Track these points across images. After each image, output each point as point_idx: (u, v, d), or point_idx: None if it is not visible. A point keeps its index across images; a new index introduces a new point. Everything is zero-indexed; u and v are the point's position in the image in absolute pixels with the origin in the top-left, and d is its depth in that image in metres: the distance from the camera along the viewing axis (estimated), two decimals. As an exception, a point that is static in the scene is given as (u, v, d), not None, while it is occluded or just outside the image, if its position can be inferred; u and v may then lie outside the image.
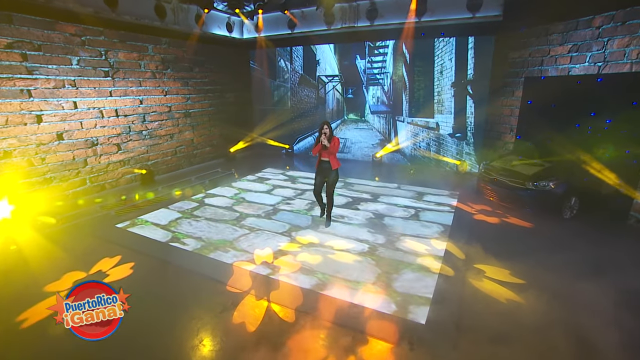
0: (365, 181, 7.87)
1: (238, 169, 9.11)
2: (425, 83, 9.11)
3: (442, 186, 7.54)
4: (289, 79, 10.78)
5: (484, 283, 4.14)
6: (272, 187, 7.35)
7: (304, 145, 11.14)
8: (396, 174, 8.57)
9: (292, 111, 10.95)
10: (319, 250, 4.73)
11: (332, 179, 5.14)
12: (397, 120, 9.80)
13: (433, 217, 5.76)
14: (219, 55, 9.93)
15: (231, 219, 5.67)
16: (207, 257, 4.53)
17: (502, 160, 6.71)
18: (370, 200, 6.46)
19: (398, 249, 4.67)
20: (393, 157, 9.95)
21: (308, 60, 10.40)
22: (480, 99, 8.35)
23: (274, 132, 11.16)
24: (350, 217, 5.70)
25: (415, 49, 8.96)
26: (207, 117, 9.68)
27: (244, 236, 5.05)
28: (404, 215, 5.78)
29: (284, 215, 5.80)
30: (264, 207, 6.13)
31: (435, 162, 9.34)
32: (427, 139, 9.38)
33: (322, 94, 10.50)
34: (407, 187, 7.42)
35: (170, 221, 5.57)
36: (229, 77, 10.40)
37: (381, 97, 9.86)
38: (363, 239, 4.95)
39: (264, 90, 11.22)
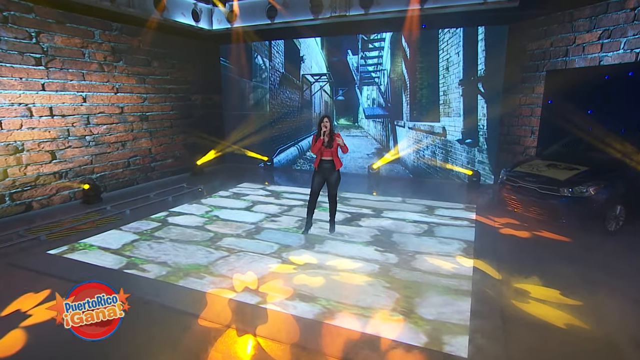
0: (362, 195, 8.08)
1: (208, 184, 8.99)
2: (428, 81, 9.20)
3: (454, 198, 7.75)
4: (267, 79, 10.76)
5: (531, 305, 3.97)
6: (252, 204, 7.42)
7: (285, 157, 11.04)
8: (398, 187, 8.75)
9: (271, 117, 10.97)
10: (319, 271, 4.64)
11: (335, 179, 5.41)
12: (396, 125, 9.83)
13: (451, 233, 5.87)
14: (183, 49, 9.85)
15: (204, 239, 5.63)
16: (176, 285, 4.31)
17: (527, 165, 6.68)
18: (372, 216, 6.63)
19: (415, 268, 4.67)
20: (392, 169, 10.00)
21: (290, 57, 10.43)
22: (493, 98, 8.44)
23: (249, 141, 11.07)
24: (352, 234, 5.79)
25: (416, 41, 9.07)
26: (168, 122, 9.57)
27: (223, 259, 4.96)
28: (415, 232, 5.90)
29: (269, 234, 5.81)
30: (244, 226, 6.16)
31: (443, 173, 9.37)
32: (433, 147, 9.42)
33: (307, 95, 10.51)
34: (413, 201, 7.65)
35: (125, 244, 5.41)
36: (195, 76, 10.33)
37: (377, 98, 9.90)
38: (371, 258, 4.96)
39: (237, 92, 11.16)
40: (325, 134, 5.21)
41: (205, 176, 10.00)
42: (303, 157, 10.88)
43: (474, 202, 7.54)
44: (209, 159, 10.60)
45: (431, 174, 9.55)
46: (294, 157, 10.94)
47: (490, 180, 8.83)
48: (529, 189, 6.16)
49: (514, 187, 6.42)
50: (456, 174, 9.21)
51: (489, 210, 6.97)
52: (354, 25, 8.86)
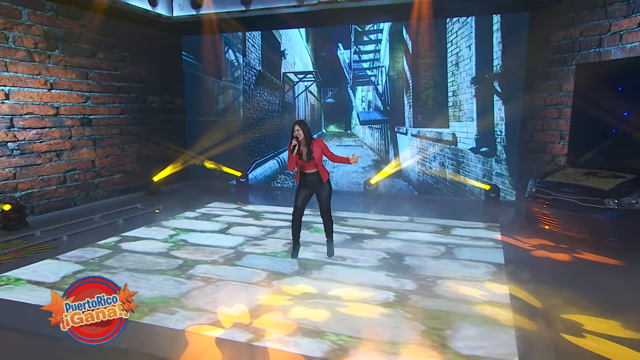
0: (361, 214, 8.36)
1: (168, 204, 9.02)
2: (435, 80, 9.36)
3: (471, 217, 7.99)
4: (241, 78, 10.78)
5: (589, 340, 3.90)
6: (227, 226, 7.60)
7: (263, 172, 11.02)
8: (402, 205, 8.99)
9: (245, 123, 11.02)
10: (322, 302, 4.60)
11: (326, 193, 5.57)
12: (397, 132, 9.93)
13: (475, 255, 6.05)
14: (137, 39, 9.83)
15: (171, 267, 5.63)
16: (140, 323, 4.18)
17: (560, 174, 6.75)
18: (376, 237, 6.86)
19: (439, 295, 4.76)
20: (393, 184, 10.10)
21: (269, 52, 10.50)
22: (512, 99, 8.63)
23: (219, 153, 11.03)
24: (355, 258, 5.94)
25: (420, 33, 9.22)
26: (117, 128, 9.55)
27: (198, 290, 4.93)
28: (432, 254, 6.08)
29: (253, 259, 5.92)
30: (221, 251, 6.27)
31: (454, 188, 9.48)
32: (441, 157, 9.56)
33: (289, 98, 10.56)
34: (423, 220, 7.90)
35: (65, 277, 5.28)
36: (152, 72, 10.31)
37: (374, 100, 10.01)
38: (383, 284, 5.05)
39: (203, 94, 11.14)
40: (298, 147, 5.27)
41: (163, 195, 9.99)
42: (285, 172, 10.90)
43: (495, 220, 7.72)
44: (168, 174, 10.51)
45: (440, 190, 9.64)
46: (273, 172, 10.90)
47: (511, 197, 8.93)
48: (566, 201, 6.18)
49: (547, 200, 6.45)
50: (470, 189, 9.31)
51: (515, 229, 7.10)
52: (346, 13, 8.98)
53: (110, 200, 9.21)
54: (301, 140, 5.28)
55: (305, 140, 5.31)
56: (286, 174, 10.86)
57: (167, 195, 9.98)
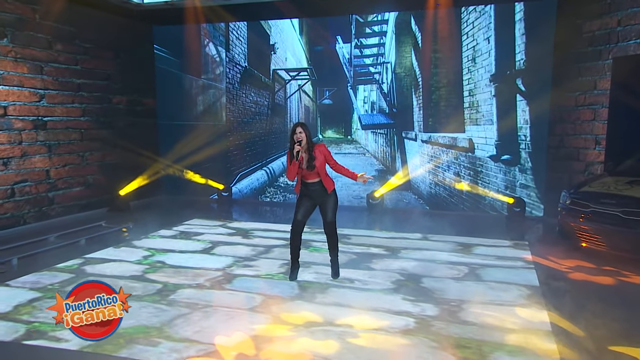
0: (366, 232, 8.50)
1: (139, 222, 8.99)
2: (448, 78, 9.41)
3: (494, 234, 8.10)
4: (223, 76, 10.77)
5: None
6: (210, 245, 7.67)
7: (249, 185, 10.97)
8: (412, 221, 9.13)
9: (228, 128, 11.03)
10: (330, 331, 4.57)
11: (331, 205, 5.61)
12: (404, 138, 9.91)
13: (503, 276, 6.12)
14: (102, 29, 9.77)
15: (148, 293, 5.65)
16: (118, 356, 4.18)
17: (599, 184, 6.74)
18: (386, 256, 6.96)
19: (467, 322, 4.77)
20: (401, 198, 10.14)
21: (257, 46, 10.49)
22: (538, 99, 8.66)
23: (197, 163, 10.96)
24: (365, 280, 5.98)
25: (431, 24, 9.24)
26: (77, 132, 9.45)
27: (182, 318, 4.93)
28: (453, 275, 6.16)
29: (246, 282, 5.95)
30: (206, 273, 6.30)
31: (472, 202, 9.49)
32: (456, 166, 9.58)
33: (280, 99, 10.54)
34: (439, 237, 8.00)
35: (18, 305, 5.25)
36: (119, 68, 10.27)
37: (378, 101, 10.03)
38: (400, 309, 5.06)
39: (179, 94, 11.10)
40: (299, 153, 5.27)
41: (133, 211, 9.94)
42: (274, 184, 10.85)
43: (522, 238, 7.85)
44: (138, 187, 10.42)
45: (455, 204, 9.65)
46: (261, 184, 10.86)
47: (538, 211, 8.94)
48: (608, 214, 6.16)
49: (584, 213, 6.43)
50: (490, 203, 9.33)
51: (546, 247, 7.15)
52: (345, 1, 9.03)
53: (68, 217, 9.09)
54: (303, 145, 5.30)
55: (307, 145, 5.34)
56: (276, 187, 10.84)
57: (136, 211, 9.92)
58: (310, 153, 5.36)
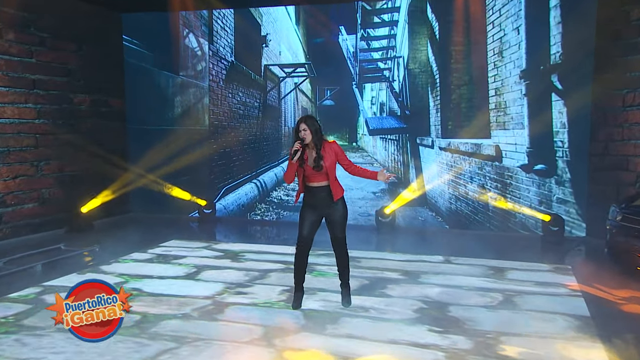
0: (377, 253, 8.54)
1: (106, 244, 8.95)
2: (470, 74, 9.38)
3: (529, 256, 8.08)
4: (206, 73, 10.76)
5: None
6: (195, 269, 7.73)
7: (236, 200, 10.97)
8: (431, 242, 9.23)
9: (212, 134, 11.03)
10: None
11: (340, 215, 5.56)
12: (419, 144, 9.88)
13: (546, 305, 6.10)
14: (61, 16, 9.71)
15: (125, 325, 5.36)
16: None
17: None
18: (404, 282, 7.03)
19: (508, 357, 4.72)
20: (416, 215, 10.22)
21: (246, 37, 10.51)
22: (578, 98, 8.56)
23: (175, 175, 10.91)
24: (381, 308, 6.00)
25: (450, 12, 9.24)
26: (30, 138, 9.44)
27: (169, 353, 4.88)
28: (485, 303, 6.20)
29: (241, 312, 5.98)
30: (193, 302, 6.32)
31: (499, 219, 9.43)
32: (480, 178, 9.50)
33: (273, 99, 10.51)
34: (464, 260, 8.02)
35: None
36: (81, 62, 10.23)
37: (388, 102, 10.02)
38: (427, 342, 5.05)
39: (153, 93, 11.05)
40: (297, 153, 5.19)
41: (97, 232, 9.93)
42: (266, 199, 10.82)
43: (562, 261, 7.84)
44: (103, 203, 10.36)
45: (480, 222, 9.61)
46: (250, 200, 10.89)
47: (579, 231, 8.87)
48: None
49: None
50: (522, 221, 9.25)
51: (594, 272, 7.13)
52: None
53: (19, 239, 9.00)
54: (309, 142, 5.23)
55: (314, 141, 5.25)
56: (269, 203, 10.81)
57: (102, 231, 9.90)
58: (317, 151, 5.26)
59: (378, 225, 9.78)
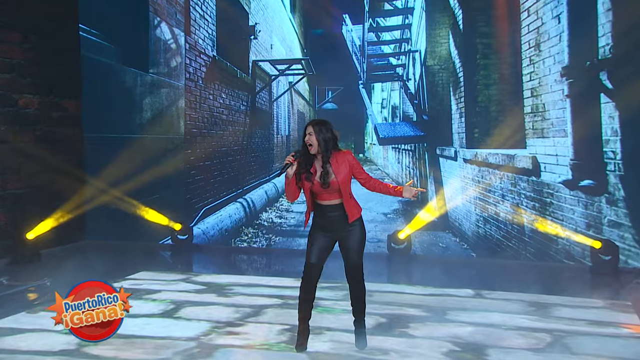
0: (392, 286, 8.49)
1: (60, 277, 8.60)
2: (501, 71, 9.32)
3: (576, 289, 7.99)
4: (181, 70, 10.73)
5: None
6: (173, 306, 7.56)
7: (218, 224, 11.05)
8: (456, 272, 9.12)
9: (188, 144, 11.00)
10: None
11: (356, 240, 5.41)
12: (439, 156, 9.85)
13: (605, 348, 5.94)
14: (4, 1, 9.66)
15: None
16: None
17: None
18: (428, 319, 6.95)
19: None
20: (436, 240, 10.24)
21: (230, 28, 10.54)
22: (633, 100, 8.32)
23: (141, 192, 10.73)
24: (404, 350, 5.87)
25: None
26: None
27: None
28: (531, 345, 6.06)
29: (234, 355, 5.93)
30: (174, 344, 6.19)
31: (537, 246, 9.31)
32: (514, 195, 9.42)
33: (262, 102, 10.52)
34: (499, 295, 7.95)
35: None
36: (27, 55, 10.16)
37: (402, 106, 10.02)
38: None
39: (116, 94, 10.95)
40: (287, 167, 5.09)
41: (47, 262, 9.71)
42: (255, 222, 10.70)
43: (622, 297, 7.72)
44: (53, 227, 10.14)
45: (513, 249, 9.46)
46: (235, 223, 10.93)
47: (637, 261, 8.70)
48: None
49: None
50: (565, 248, 9.06)
51: None
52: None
53: None
54: (316, 150, 5.04)
55: (322, 151, 5.03)
56: (257, 227, 10.73)
57: (53, 262, 9.62)
58: (324, 165, 5.04)
59: (390, 253, 9.62)
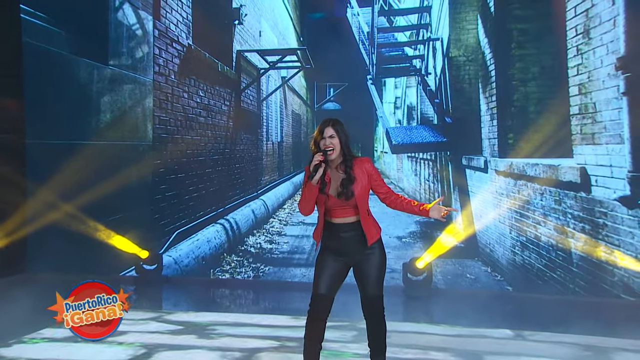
0: (413, 325, 8.42)
1: None
2: (541, 64, 9.22)
3: (636, 330, 7.76)
4: (148, 62, 10.76)
5: None
6: (145, 351, 7.38)
7: (194, 250, 11.12)
8: (490, 310, 8.92)
9: (158, 152, 11.00)
10: None
11: (375, 266, 5.25)
12: (466, 167, 9.82)
13: None
14: None
15: None
16: None
17: None
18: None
19: None
20: (462, 270, 10.53)
21: (209, 11, 10.50)
22: None
23: (98, 211, 10.49)
24: None
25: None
26: None
27: None
28: None
29: None
30: None
31: (589, 276, 9.14)
32: (559, 215, 9.34)
33: (249, 101, 10.35)
34: (544, 336, 7.79)
35: None
36: None
37: (419, 106, 9.91)
38: None
39: (67, 92, 10.67)
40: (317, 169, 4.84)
41: None
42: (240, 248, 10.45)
43: None
44: None
45: (559, 281, 9.33)
46: (215, 249, 10.89)
47: None
48: None
49: None
50: (622, 279, 8.78)
51: None
52: None
53: None
54: (335, 156, 4.88)
55: (346, 154, 4.93)
56: (242, 254, 10.61)
57: None
58: (347, 171, 4.86)
59: (407, 285, 9.46)
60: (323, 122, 5.02)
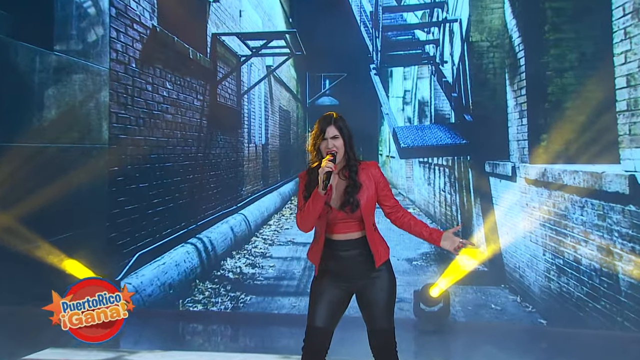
0: None
1: None
2: (581, 50, 9.26)
3: None
4: (104, 47, 10.61)
5: None
6: None
7: (158, 277, 11.14)
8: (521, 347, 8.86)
9: (115, 157, 10.92)
10: None
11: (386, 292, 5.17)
12: (489, 174, 9.79)
13: None
14: None
15: None
16: None
17: None
18: None
19: None
20: (486, 300, 10.65)
21: None
22: None
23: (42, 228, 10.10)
24: None
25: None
26: None
27: None
28: None
29: None
30: None
31: None
32: (603, 232, 9.10)
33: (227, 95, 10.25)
34: None
35: None
36: None
37: (433, 100, 9.82)
38: None
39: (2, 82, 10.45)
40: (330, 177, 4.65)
41: None
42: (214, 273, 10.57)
43: None
44: None
45: (603, 313, 9.05)
46: (185, 274, 10.98)
47: None
48: None
49: None
50: None
51: None
52: None
53: None
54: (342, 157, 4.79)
55: (351, 156, 4.84)
56: (219, 281, 10.61)
57: None
58: (352, 177, 4.77)
59: (419, 317, 9.27)
60: (324, 119, 4.86)
